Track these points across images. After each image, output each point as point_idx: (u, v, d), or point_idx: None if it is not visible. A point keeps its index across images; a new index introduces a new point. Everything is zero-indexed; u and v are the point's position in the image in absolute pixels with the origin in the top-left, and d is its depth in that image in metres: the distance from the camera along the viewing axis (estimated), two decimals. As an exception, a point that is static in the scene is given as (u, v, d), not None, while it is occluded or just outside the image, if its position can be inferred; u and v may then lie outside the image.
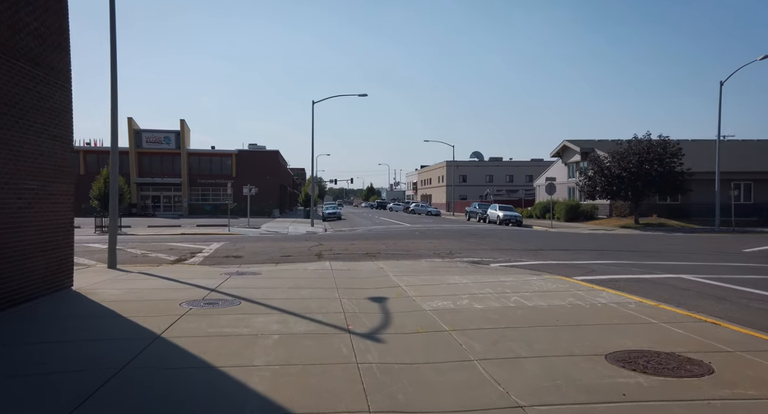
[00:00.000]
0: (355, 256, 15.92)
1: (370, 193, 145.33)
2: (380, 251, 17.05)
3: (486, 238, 22.56)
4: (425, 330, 6.26)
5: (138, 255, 15.72)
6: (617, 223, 35.03)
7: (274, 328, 6.27)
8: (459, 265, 13.40)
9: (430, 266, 13.01)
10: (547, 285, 9.57)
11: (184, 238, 22.10)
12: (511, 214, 38.16)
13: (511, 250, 17.18)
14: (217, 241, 19.89)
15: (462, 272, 11.76)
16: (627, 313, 7.08)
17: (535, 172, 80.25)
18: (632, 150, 32.39)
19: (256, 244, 19.33)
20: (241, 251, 16.96)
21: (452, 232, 27.47)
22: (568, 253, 16.49)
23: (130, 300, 8.00)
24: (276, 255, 16.08)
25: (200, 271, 11.83)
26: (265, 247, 18.06)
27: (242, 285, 9.68)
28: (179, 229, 29.38)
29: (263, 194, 53.82)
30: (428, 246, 18.82)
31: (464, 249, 17.66)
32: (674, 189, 31.94)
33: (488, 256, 15.50)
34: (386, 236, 24.55)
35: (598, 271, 12.03)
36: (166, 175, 52.36)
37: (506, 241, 20.74)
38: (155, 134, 51.85)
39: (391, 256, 15.75)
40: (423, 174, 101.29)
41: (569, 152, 44.42)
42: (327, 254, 16.27)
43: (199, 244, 18.63)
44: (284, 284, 9.82)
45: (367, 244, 19.46)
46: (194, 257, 15.45)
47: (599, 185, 33.23)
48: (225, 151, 54.62)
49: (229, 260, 14.86)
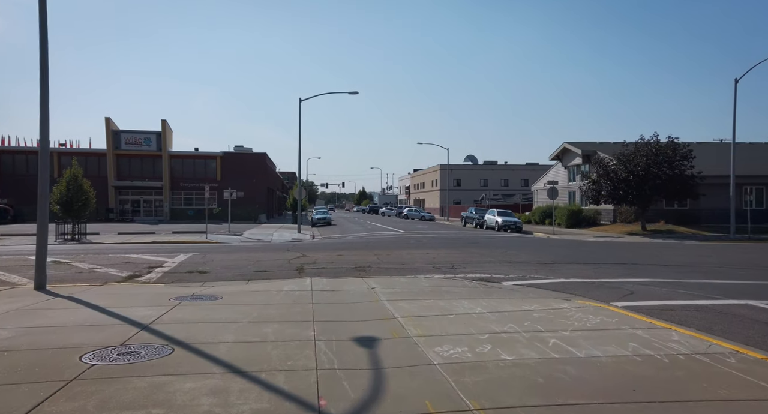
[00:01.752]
0: (342, 270, 13.67)
1: (362, 197, 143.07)
2: (371, 264, 14.81)
3: (489, 248, 20.39)
4: (439, 410, 4.01)
5: (84, 270, 13.34)
6: (623, 229, 33.04)
7: (202, 410, 3.99)
8: (466, 284, 11.19)
9: (431, 286, 10.78)
10: (588, 318, 7.36)
11: (151, 248, 19.72)
12: (511, 220, 36.10)
13: (521, 264, 15.00)
14: (185, 253, 17.53)
15: (472, 295, 9.54)
16: (732, 374, 4.85)
17: (530, 175, 78.56)
18: (640, 152, 30.43)
19: (230, 255, 17.00)
20: (209, 265, 14.64)
21: (450, 240, 25.28)
22: (589, 267, 14.33)
23: (11, 350, 5.66)
24: (249, 270, 13.78)
25: (147, 295, 9.51)
26: (238, 260, 15.74)
27: (189, 318, 7.38)
28: (152, 236, 26.93)
29: (249, 198, 51.39)
30: (426, 257, 16.60)
31: (467, 262, 15.45)
32: (685, 194, 30.00)
33: (497, 271, 13.30)
34: (378, 245, 22.31)
35: (638, 293, 9.86)
36: (147, 179, 49.75)
37: (513, 252, 18.55)
38: (135, 135, 49.27)
39: (383, 271, 13.52)
40: (416, 178, 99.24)
41: (570, 155, 42.49)
42: (309, 268, 14.00)
43: (163, 256, 16.27)
44: (246, 315, 7.55)
45: (356, 255, 17.21)
46: (151, 273, 13.10)
47: (604, 189, 31.22)
48: (209, 154, 52.13)
49: (191, 277, 12.55)
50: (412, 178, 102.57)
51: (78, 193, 24.15)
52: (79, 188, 24.33)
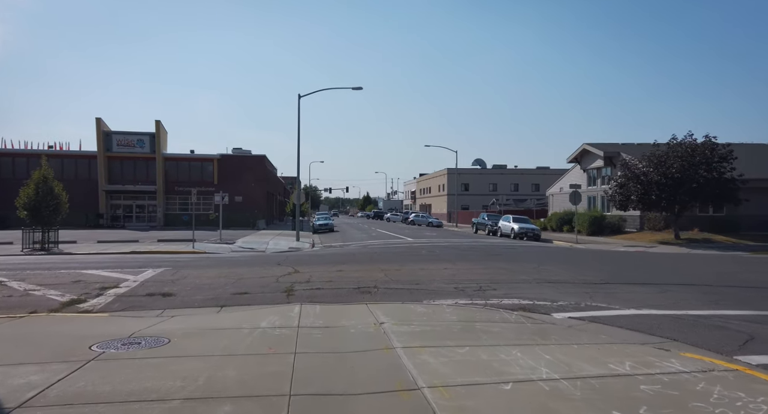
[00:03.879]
0: (342, 292, 10.91)
1: (366, 202, 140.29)
2: (378, 284, 12.03)
3: (515, 261, 17.55)
4: None
5: (17, 293, 10.61)
6: (652, 237, 30.11)
7: None
8: (505, 316, 8.39)
9: (460, 320, 8.01)
10: (736, 396, 4.54)
11: (120, 261, 17.02)
12: (528, 227, 33.23)
13: (564, 284, 12.17)
14: (155, 268, 14.77)
15: (521, 337, 6.79)
16: None
17: (541, 180, 75.66)
18: (674, 153, 27.52)
19: (208, 271, 14.22)
20: (179, 284, 11.90)
21: (466, 251, 22.45)
22: (653, 290, 11.47)
23: None
24: (226, 291, 11.04)
25: (65, 337, 6.78)
26: (216, 277, 12.98)
27: (92, 392, 4.63)
28: (133, 245, 24.25)
29: (248, 203, 48.81)
30: (444, 274, 13.78)
31: (496, 280, 12.63)
32: (725, 199, 27.03)
33: (538, 295, 10.48)
34: (385, 257, 19.50)
35: (761, 337, 6.99)
36: (140, 182, 47.16)
37: (547, 267, 15.69)
38: (127, 137, 46.71)
39: (393, 294, 10.76)
40: (422, 182, 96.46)
41: (590, 157, 39.60)
42: (301, 289, 11.25)
43: (126, 273, 13.53)
44: (187, 382, 4.82)
45: (360, 271, 14.43)
46: (100, 296, 10.37)
47: (634, 194, 28.31)
48: (206, 156, 49.51)
49: (149, 302, 9.83)
50: (418, 182, 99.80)
51: (47, 197, 21.49)
52: (49, 191, 21.66)
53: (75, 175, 46.45)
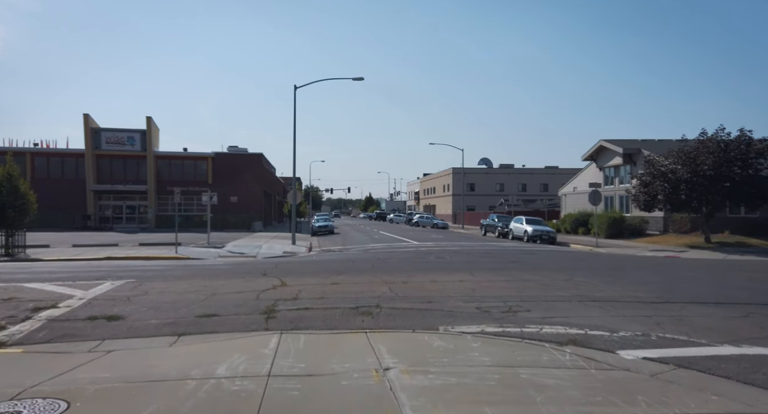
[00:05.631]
0: (335, 314, 8.63)
1: (368, 203, 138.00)
2: (380, 301, 9.73)
3: (541, 270, 15.21)
4: None
5: None
6: (679, 241, 27.73)
7: None
8: (557, 357, 6.07)
9: (495, 364, 5.72)
10: None
11: (82, 270, 14.77)
12: (542, 229, 30.91)
13: (613, 303, 9.82)
14: (117, 279, 12.47)
15: (592, 400, 4.57)
16: None
17: (550, 180, 73.31)
18: (705, 149, 25.13)
19: (177, 284, 11.92)
20: (136, 302, 9.62)
21: (480, 256, 20.14)
22: (732, 312, 9.12)
23: None
24: (192, 312, 8.78)
25: None
26: (185, 292, 10.70)
27: None
28: (110, 250, 22.02)
29: (244, 204, 46.63)
30: (461, 288, 11.46)
31: (526, 297, 10.31)
32: (764, 198, 24.65)
33: (589, 322, 8.16)
34: (389, 264, 17.19)
35: None
36: (130, 182, 44.95)
37: (581, 278, 13.29)
38: (117, 134, 44.51)
39: (400, 316, 8.49)
40: (426, 182, 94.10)
41: (607, 154, 37.22)
42: (285, 310, 8.97)
43: (76, 287, 11.23)
44: None
45: (359, 283, 12.12)
46: (28, 320, 8.11)
47: (661, 193, 25.93)
48: (199, 154, 47.26)
49: (87, 329, 7.59)
50: (422, 182, 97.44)
51: (12, 196, 19.26)
52: (14, 190, 19.43)
53: (62, 175, 44.36)
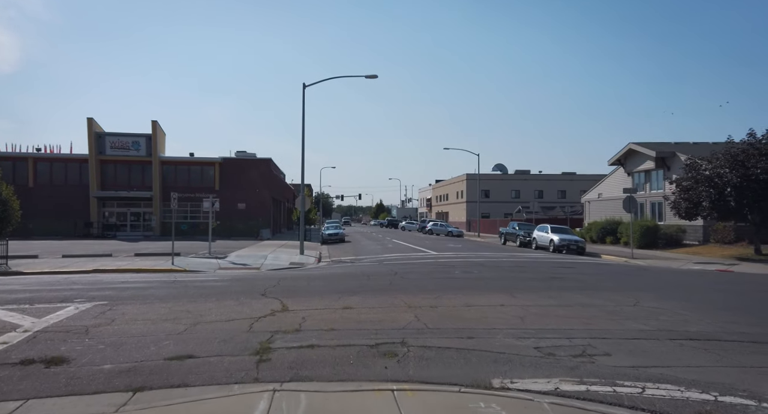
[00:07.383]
0: (349, 355, 6.55)
1: (379, 210, 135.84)
2: (406, 336, 7.57)
3: (596, 291, 12.94)
4: None
5: None
6: (724, 252, 25.26)
7: None
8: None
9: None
10: None
11: (48, 289, 12.76)
12: (570, 239, 28.53)
13: (718, 342, 7.57)
14: (83, 302, 10.40)
15: None
16: None
17: (568, 186, 70.84)
18: (757, 151, 22.72)
19: (156, 306, 9.85)
20: (93, 336, 7.56)
21: (512, 270, 17.88)
22: None
23: None
24: (160, 352, 6.72)
25: None
26: (160, 320, 8.63)
27: None
28: (101, 261, 20.11)
29: (251, 210, 44.78)
30: (505, 316, 9.24)
31: (597, 331, 8.11)
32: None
33: (711, 382, 5.94)
34: (409, 279, 14.98)
35: None
36: (135, 188, 43.29)
37: (650, 302, 10.97)
38: (121, 138, 42.94)
39: (434, 360, 6.37)
40: (438, 189, 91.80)
41: (637, 158, 34.79)
42: (283, 348, 6.88)
43: (29, 313, 9.18)
44: None
45: (376, 308, 9.97)
46: (-62, 368, 6.06)
47: (705, 200, 23.53)
48: (206, 159, 45.50)
49: (12, 382, 5.63)
50: (434, 189, 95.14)
51: (-9, 202, 17.46)
52: (-6, 196, 17.64)
53: (65, 180, 42.87)
